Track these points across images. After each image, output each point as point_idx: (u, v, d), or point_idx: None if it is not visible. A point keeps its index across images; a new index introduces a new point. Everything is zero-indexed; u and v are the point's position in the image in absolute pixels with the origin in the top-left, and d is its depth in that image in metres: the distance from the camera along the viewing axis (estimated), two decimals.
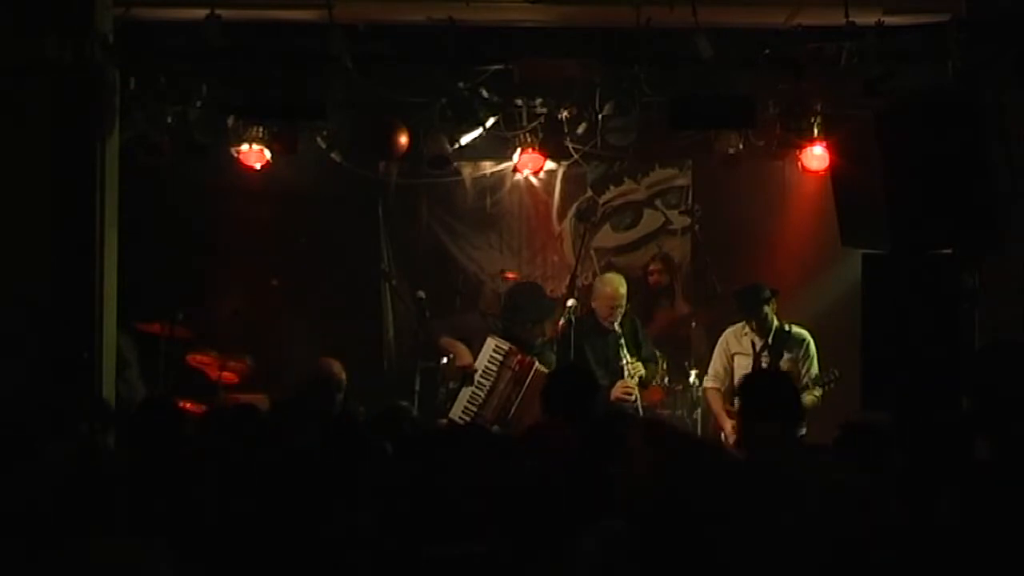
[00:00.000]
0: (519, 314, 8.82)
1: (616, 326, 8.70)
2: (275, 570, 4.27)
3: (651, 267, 10.44)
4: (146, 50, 8.19)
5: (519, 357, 8.59)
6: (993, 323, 7.34)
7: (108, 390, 7.84)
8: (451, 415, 8.51)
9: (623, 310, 8.75)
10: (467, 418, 8.44)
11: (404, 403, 7.88)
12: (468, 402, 8.54)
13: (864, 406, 6.73)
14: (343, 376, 7.77)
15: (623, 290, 8.80)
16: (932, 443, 5.12)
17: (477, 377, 8.56)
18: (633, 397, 8.57)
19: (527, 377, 8.51)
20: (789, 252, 9.91)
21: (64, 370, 7.53)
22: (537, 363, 8.61)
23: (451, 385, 8.66)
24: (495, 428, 8.31)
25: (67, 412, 6.30)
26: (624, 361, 8.63)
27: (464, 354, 8.62)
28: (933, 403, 6.40)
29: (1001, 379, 4.58)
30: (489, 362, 8.59)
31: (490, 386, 8.55)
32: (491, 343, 8.63)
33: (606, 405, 8.45)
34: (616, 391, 8.57)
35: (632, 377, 8.61)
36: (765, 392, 4.98)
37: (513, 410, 8.50)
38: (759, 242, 10.04)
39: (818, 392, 8.56)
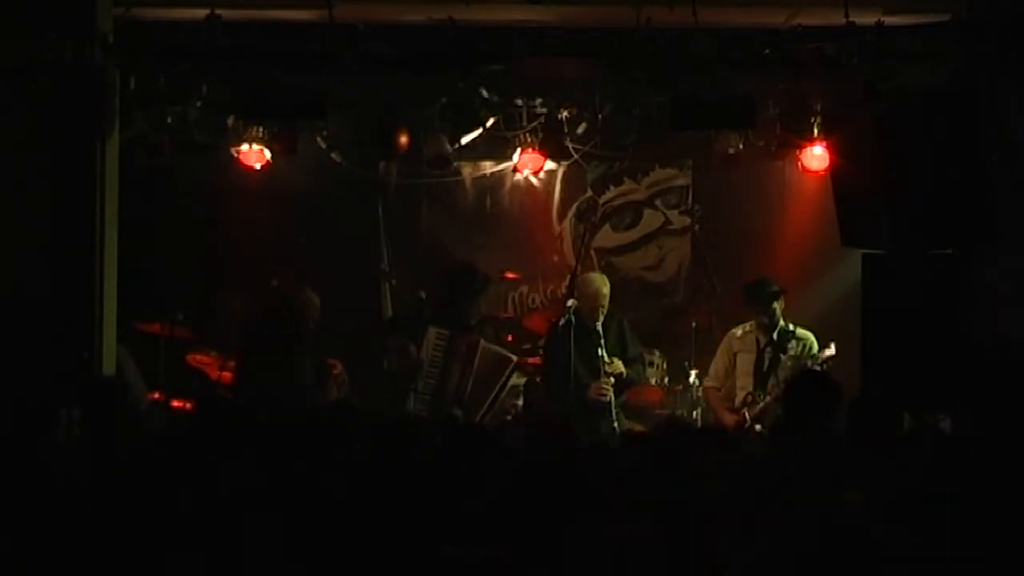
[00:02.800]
0: (455, 296, 8.85)
1: (598, 326, 8.73)
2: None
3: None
4: (146, 50, 8.19)
5: (464, 339, 8.74)
6: (993, 323, 7.34)
7: None
8: (409, 407, 8.64)
9: (605, 310, 8.78)
10: (422, 407, 8.65)
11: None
12: (421, 392, 8.72)
13: None
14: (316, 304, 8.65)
15: (605, 290, 8.83)
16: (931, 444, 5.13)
17: (425, 367, 8.72)
18: (607, 397, 8.62)
19: (475, 357, 8.76)
20: (789, 252, 9.90)
21: (64, 370, 7.52)
22: (483, 341, 8.82)
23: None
24: (456, 411, 8.62)
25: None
26: (602, 360, 8.66)
27: (410, 351, 8.70)
28: (933, 403, 6.42)
29: (999, 379, 4.59)
30: (434, 351, 8.76)
31: (439, 373, 8.72)
32: (432, 332, 8.79)
33: (585, 404, 8.60)
34: (591, 392, 8.63)
35: (609, 378, 8.64)
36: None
37: (469, 389, 8.74)
38: (759, 242, 10.03)
39: None
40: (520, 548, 3.86)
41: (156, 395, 8.71)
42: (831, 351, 8.57)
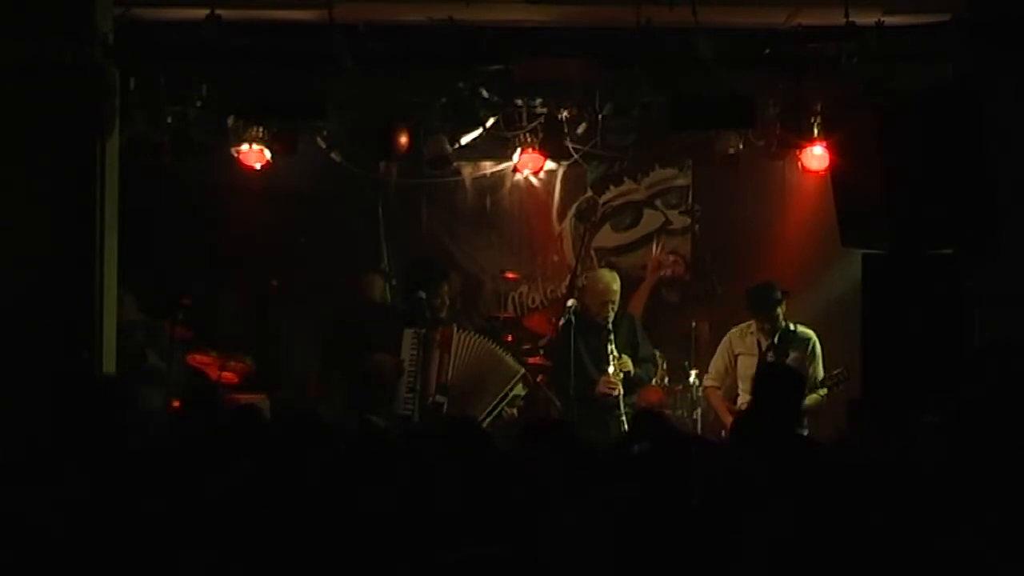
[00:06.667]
0: (417, 290, 8.90)
1: (609, 322, 8.72)
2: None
3: (669, 259, 10.40)
4: (146, 50, 8.19)
5: (438, 331, 8.84)
6: (993, 323, 7.34)
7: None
8: (396, 410, 8.70)
9: (616, 306, 8.79)
10: (409, 408, 8.71)
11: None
12: (405, 393, 8.76)
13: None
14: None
15: (615, 286, 8.84)
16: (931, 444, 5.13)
17: (406, 367, 8.78)
18: (616, 392, 8.61)
19: (451, 343, 8.84)
20: (789, 252, 9.90)
21: (64, 370, 7.53)
22: (457, 330, 8.94)
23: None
24: (437, 397, 8.72)
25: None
26: (611, 356, 8.66)
27: (388, 360, 8.78)
28: (933, 403, 6.41)
29: (1001, 379, 4.59)
30: (412, 350, 8.83)
31: (416, 370, 8.80)
32: (407, 334, 8.86)
33: (594, 401, 8.64)
34: (600, 386, 8.65)
35: (617, 373, 8.64)
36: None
37: (450, 373, 8.81)
38: (759, 242, 10.03)
39: (823, 391, 8.58)
40: (514, 545, 3.86)
41: None
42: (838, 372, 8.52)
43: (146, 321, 8.89)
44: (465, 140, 9.30)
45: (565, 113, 8.97)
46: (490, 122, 9.12)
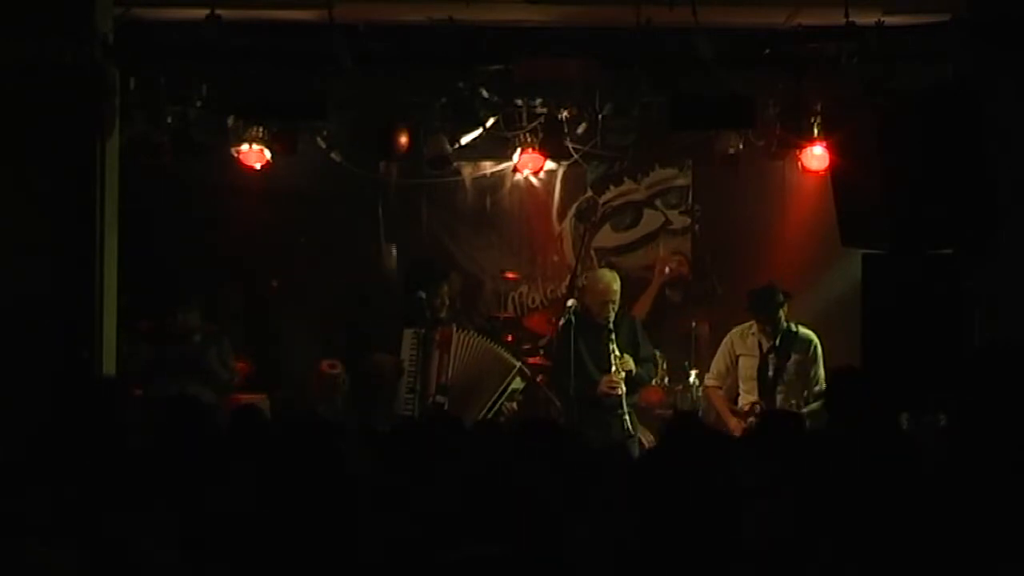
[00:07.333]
0: (417, 291, 8.90)
1: (610, 322, 8.72)
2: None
3: (673, 259, 10.40)
4: (146, 50, 8.19)
5: (437, 331, 8.86)
6: (993, 323, 7.34)
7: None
8: (396, 410, 8.71)
9: (616, 306, 8.78)
10: (409, 408, 8.74)
11: None
12: (406, 393, 8.78)
13: None
14: None
15: (616, 286, 8.83)
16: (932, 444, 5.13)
17: (406, 367, 8.80)
18: (619, 392, 8.60)
19: (451, 343, 8.85)
20: (789, 252, 9.91)
21: (64, 371, 7.53)
22: (456, 329, 8.93)
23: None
24: (438, 398, 8.73)
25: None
26: (612, 356, 8.66)
27: (389, 360, 8.79)
28: (933, 403, 6.42)
29: (1001, 379, 4.58)
30: (412, 350, 8.84)
31: (416, 370, 8.82)
32: (407, 334, 8.87)
33: (596, 401, 8.62)
34: (602, 386, 8.63)
35: (619, 372, 8.63)
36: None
37: (450, 373, 8.82)
38: (759, 242, 10.04)
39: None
40: (516, 546, 3.86)
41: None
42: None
43: (205, 326, 8.94)
44: (465, 140, 9.30)
45: (565, 113, 8.97)
46: (490, 122, 9.12)
